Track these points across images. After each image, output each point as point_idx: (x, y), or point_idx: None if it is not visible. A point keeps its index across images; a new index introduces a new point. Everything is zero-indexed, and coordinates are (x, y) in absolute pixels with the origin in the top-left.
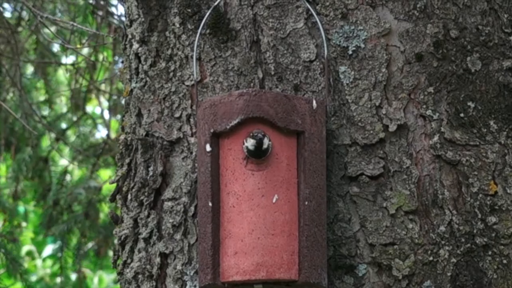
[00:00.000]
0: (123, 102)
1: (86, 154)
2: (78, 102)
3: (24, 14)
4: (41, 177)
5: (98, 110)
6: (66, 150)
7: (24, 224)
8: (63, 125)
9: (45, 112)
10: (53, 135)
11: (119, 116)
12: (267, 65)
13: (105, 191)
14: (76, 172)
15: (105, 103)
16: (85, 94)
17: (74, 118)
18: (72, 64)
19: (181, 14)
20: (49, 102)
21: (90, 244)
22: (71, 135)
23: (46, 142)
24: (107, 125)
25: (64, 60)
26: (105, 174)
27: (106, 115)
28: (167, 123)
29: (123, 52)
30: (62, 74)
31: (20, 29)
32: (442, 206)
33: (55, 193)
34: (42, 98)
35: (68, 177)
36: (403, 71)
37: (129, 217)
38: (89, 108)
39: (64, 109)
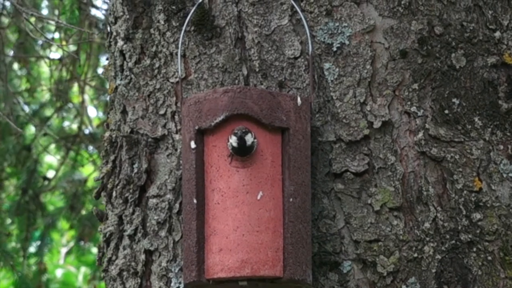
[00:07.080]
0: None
1: (65, 143)
2: (60, 93)
3: (8, 4)
4: (24, 166)
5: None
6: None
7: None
8: (47, 114)
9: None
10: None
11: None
12: (251, 62)
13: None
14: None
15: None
16: (68, 85)
17: (57, 107)
18: (60, 59)
19: (165, 11)
20: (31, 91)
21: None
22: (54, 124)
23: (29, 130)
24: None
25: (49, 54)
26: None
27: (92, 111)
28: (151, 120)
29: (108, 49)
30: (44, 66)
31: (4, 21)
32: (426, 202)
33: (35, 185)
34: (24, 87)
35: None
36: (388, 68)
37: (114, 214)
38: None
39: (47, 97)
